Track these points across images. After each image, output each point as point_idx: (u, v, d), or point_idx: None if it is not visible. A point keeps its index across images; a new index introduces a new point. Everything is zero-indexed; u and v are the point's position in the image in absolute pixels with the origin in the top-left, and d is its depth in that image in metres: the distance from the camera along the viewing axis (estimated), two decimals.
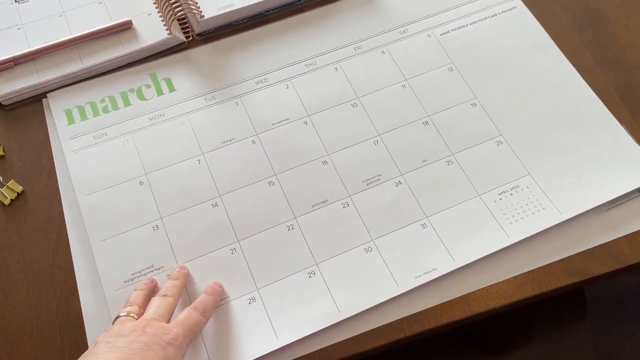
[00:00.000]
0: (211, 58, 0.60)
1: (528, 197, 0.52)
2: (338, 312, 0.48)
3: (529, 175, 0.53)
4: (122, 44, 0.58)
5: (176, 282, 0.47)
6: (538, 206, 0.52)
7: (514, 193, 0.53)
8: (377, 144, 0.55)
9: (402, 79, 0.59)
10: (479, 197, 0.53)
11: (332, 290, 0.49)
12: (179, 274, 0.48)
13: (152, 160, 0.54)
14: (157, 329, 0.41)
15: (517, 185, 0.53)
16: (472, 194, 0.53)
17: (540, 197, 0.52)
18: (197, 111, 0.57)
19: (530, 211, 0.52)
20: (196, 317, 0.44)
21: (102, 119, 0.56)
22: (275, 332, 0.47)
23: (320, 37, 0.62)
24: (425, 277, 0.49)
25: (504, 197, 0.53)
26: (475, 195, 0.53)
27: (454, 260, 0.49)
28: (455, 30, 0.62)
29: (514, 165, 0.54)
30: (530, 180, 0.53)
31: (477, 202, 0.52)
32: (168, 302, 0.45)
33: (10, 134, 0.55)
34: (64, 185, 0.53)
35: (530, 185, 0.53)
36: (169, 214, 0.52)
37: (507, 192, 0.53)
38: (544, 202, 0.52)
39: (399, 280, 0.49)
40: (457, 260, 0.49)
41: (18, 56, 0.57)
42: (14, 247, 0.50)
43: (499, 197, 0.53)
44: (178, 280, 0.47)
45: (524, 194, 0.53)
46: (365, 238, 0.51)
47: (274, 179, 0.54)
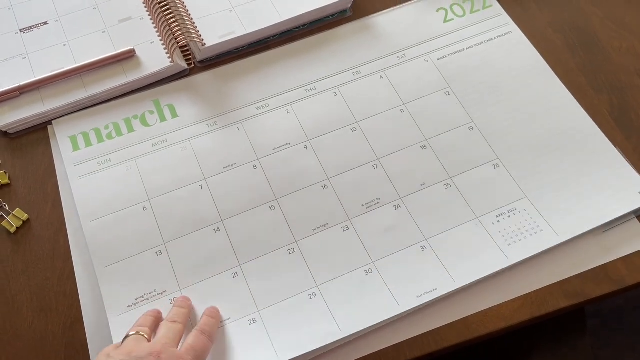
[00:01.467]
0: (213, 84, 0.61)
1: (525, 219, 0.53)
2: (339, 330, 0.48)
3: (525, 198, 0.54)
4: (126, 72, 0.60)
5: (183, 310, 0.48)
6: (535, 228, 0.53)
7: (511, 215, 0.54)
8: (376, 167, 0.56)
9: (400, 103, 0.60)
10: (477, 219, 0.53)
11: (332, 311, 0.49)
12: (184, 303, 0.49)
13: (155, 185, 0.55)
14: (172, 356, 0.42)
15: (515, 208, 0.54)
16: (471, 216, 0.54)
17: (538, 219, 0.53)
18: (199, 137, 0.58)
19: (528, 233, 0.52)
20: (204, 341, 0.45)
21: (106, 145, 0.57)
22: (275, 350, 0.47)
23: (320, 63, 0.63)
24: (426, 297, 0.49)
25: (501, 219, 0.53)
26: (473, 218, 0.53)
27: (454, 280, 0.50)
28: (451, 55, 0.63)
29: (511, 188, 0.55)
30: (527, 202, 0.54)
31: (475, 224, 0.53)
32: (177, 328, 0.45)
33: (15, 162, 0.56)
34: (69, 212, 0.54)
35: (528, 208, 0.54)
36: (171, 239, 0.53)
37: (504, 215, 0.54)
38: (541, 224, 0.53)
39: (399, 300, 0.49)
40: (457, 281, 0.50)
41: (23, 85, 0.58)
42: (20, 275, 0.51)
43: (496, 220, 0.53)
44: (184, 308, 0.48)
45: (522, 216, 0.53)
46: (365, 260, 0.52)
47: (275, 203, 0.55)
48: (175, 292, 0.50)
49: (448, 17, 0.66)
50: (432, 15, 0.66)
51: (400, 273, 0.51)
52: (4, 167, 0.56)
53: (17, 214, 0.53)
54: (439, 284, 0.50)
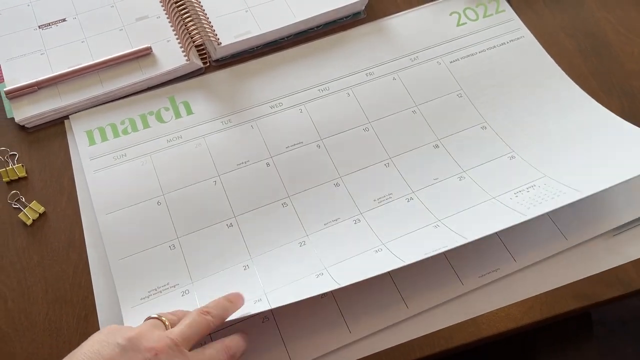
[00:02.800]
0: (228, 83, 0.62)
1: (546, 190, 0.53)
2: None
3: (545, 177, 0.54)
4: (142, 69, 0.61)
5: (228, 305, 0.44)
6: (558, 192, 0.52)
7: (530, 190, 0.53)
8: (388, 166, 0.57)
9: (413, 105, 0.61)
10: (494, 199, 0.53)
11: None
12: (236, 297, 0.46)
13: (169, 181, 0.56)
14: None
15: (534, 185, 0.53)
16: (486, 197, 0.53)
17: (559, 187, 0.52)
18: (213, 134, 0.59)
19: (550, 197, 0.52)
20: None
21: (122, 140, 0.58)
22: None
23: (333, 64, 0.63)
24: (433, 253, 0.47)
25: (519, 194, 0.53)
26: (489, 198, 0.53)
27: (465, 237, 0.48)
28: (464, 58, 0.64)
29: (528, 172, 0.55)
30: (548, 179, 0.54)
31: (492, 202, 0.53)
32: (205, 322, 0.41)
33: (32, 155, 0.57)
34: (85, 205, 0.55)
35: (548, 182, 0.53)
36: (185, 234, 0.53)
37: (523, 191, 0.53)
38: (562, 189, 0.52)
39: (404, 258, 0.48)
40: (468, 237, 0.48)
41: (41, 81, 0.59)
42: (35, 267, 0.52)
43: (514, 195, 0.53)
44: (231, 303, 0.45)
45: (542, 189, 0.53)
46: (375, 243, 0.51)
47: (287, 200, 0.55)
48: (187, 285, 0.51)
49: (461, 20, 0.67)
50: (445, 19, 0.67)
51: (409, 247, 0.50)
52: (21, 160, 0.57)
53: (34, 206, 0.54)
54: (449, 243, 0.48)
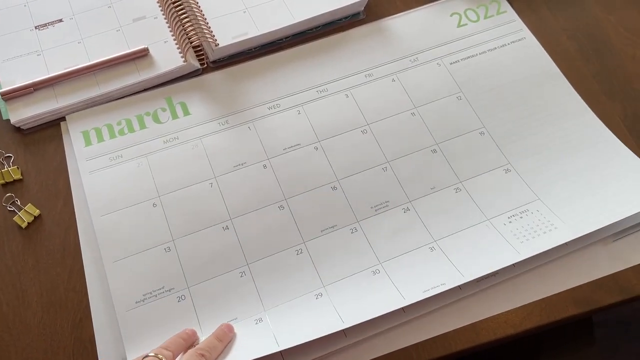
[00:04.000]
0: (225, 84, 0.62)
1: (539, 219, 0.53)
2: (342, 322, 0.47)
3: (539, 200, 0.54)
4: (139, 70, 0.60)
5: (218, 345, 0.46)
6: (549, 226, 0.52)
7: (523, 216, 0.53)
8: (386, 170, 0.56)
9: (412, 107, 0.60)
10: (488, 221, 0.53)
11: (337, 308, 0.49)
12: (224, 336, 0.47)
13: (165, 182, 0.55)
14: None
15: (527, 210, 0.54)
16: (481, 218, 0.53)
17: (551, 217, 0.53)
18: (210, 135, 0.58)
19: (542, 231, 0.52)
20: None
21: (118, 141, 0.58)
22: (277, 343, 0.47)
23: (332, 65, 0.63)
24: (433, 291, 0.48)
25: (513, 220, 0.53)
26: (484, 220, 0.53)
27: (462, 275, 0.49)
28: (464, 60, 0.63)
29: (523, 192, 0.55)
30: (540, 204, 0.54)
31: (486, 225, 0.53)
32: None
33: (28, 157, 0.57)
34: (80, 208, 0.54)
35: (541, 209, 0.53)
36: (180, 236, 0.53)
37: (516, 216, 0.53)
38: (554, 221, 0.52)
39: (405, 295, 0.49)
40: (465, 275, 0.49)
41: (37, 82, 0.58)
42: (30, 270, 0.51)
43: (508, 221, 0.53)
44: (221, 342, 0.46)
45: (535, 216, 0.53)
46: (373, 261, 0.51)
47: (284, 203, 0.55)
48: (183, 289, 0.50)
49: (462, 21, 0.66)
50: (446, 20, 0.66)
51: (407, 273, 0.50)
52: (16, 162, 0.56)
53: (29, 209, 0.53)
54: (447, 279, 0.49)
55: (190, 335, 0.47)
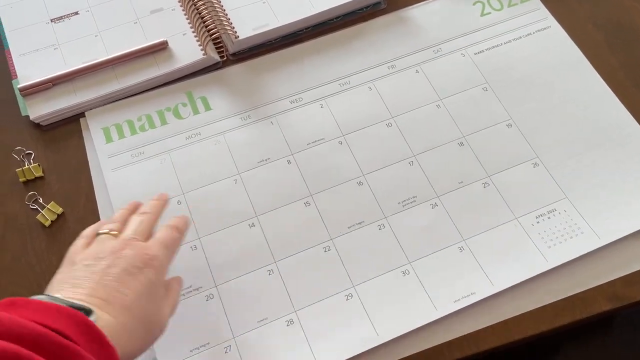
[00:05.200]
0: (246, 77, 0.60)
1: (566, 220, 0.52)
2: (376, 335, 0.47)
3: (566, 199, 0.53)
4: (158, 64, 0.59)
5: (156, 202, 0.47)
6: (576, 230, 0.52)
7: (551, 217, 0.52)
8: (412, 164, 0.55)
9: (437, 99, 0.59)
10: (516, 220, 0.52)
11: (370, 314, 0.48)
12: (161, 196, 0.48)
13: (189, 179, 0.55)
14: (136, 249, 0.40)
15: (555, 209, 0.53)
16: (510, 216, 0.53)
17: (578, 221, 0.52)
18: (232, 130, 0.57)
19: (569, 235, 0.51)
20: (173, 234, 0.44)
21: (139, 138, 0.57)
22: (314, 355, 0.47)
23: (354, 56, 0.62)
24: (464, 302, 0.49)
25: (541, 220, 0.52)
26: (512, 218, 0.52)
27: (493, 284, 0.49)
28: (489, 50, 0.62)
29: (550, 188, 0.54)
30: (568, 203, 0.53)
31: (514, 225, 0.52)
32: (147, 219, 0.44)
33: (48, 154, 0.56)
34: (103, 205, 0.53)
35: (568, 209, 0.53)
36: (206, 234, 0.52)
37: (544, 216, 0.53)
38: (582, 226, 0.52)
39: (437, 304, 0.49)
40: (495, 285, 0.49)
41: (55, 77, 0.57)
42: (55, 269, 0.50)
43: (536, 221, 0.52)
44: (160, 200, 0.47)
45: (562, 217, 0.52)
46: (402, 260, 0.51)
47: (310, 199, 0.54)
48: (210, 288, 0.50)
49: (485, 10, 0.65)
50: (469, 9, 0.65)
51: (437, 275, 0.50)
52: (37, 159, 0.56)
53: (52, 207, 0.53)
54: (478, 288, 0.49)
55: (133, 204, 0.47)
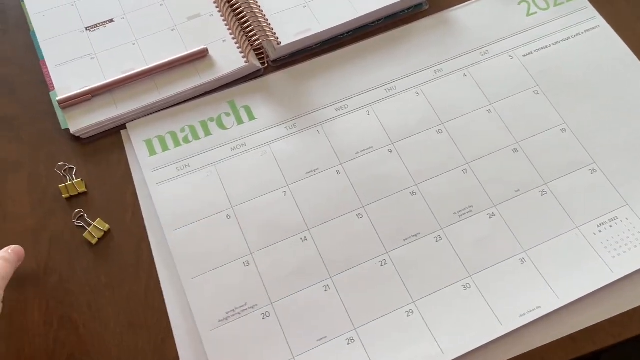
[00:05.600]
0: (288, 84, 0.59)
1: (629, 229, 0.51)
2: (442, 353, 0.46)
3: (627, 206, 0.52)
4: (199, 73, 0.57)
5: None
6: (639, 236, 0.50)
7: (613, 225, 0.51)
8: (466, 172, 0.54)
9: (487, 103, 0.57)
10: (577, 229, 0.51)
11: (432, 331, 0.47)
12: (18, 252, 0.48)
13: (237, 192, 0.53)
14: None
15: (616, 217, 0.51)
16: (570, 225, 0.51)
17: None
18: (278, 140, 0.56)
19: (633, 244, 0.50)
20: None
21: (183, 150, 0.55)
22: None
23: (398, 60, 0.60)
24: (530, 316, 0.47)
25: (603, 229, 0.51)
26: (573, 228, 0.51)
27: (558, 297, 0.48)
28: (537, 52, 0.60)
29: (610, 195, 0.52)
30: (629, 211, 0.51)
31: (575, 234, 0.51)
32: None
33: (90, 169, 0.54)
34: (150, 220, 0.52)
35: (630, 217, 0.51)
36: (258, 249, 0.50)
37: (606, 224, 0.51)
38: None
39: (502, 320, 0.47)
40: (561, 298, 0.48)
41: (95, 88, 0.55)
42: (104, 289, 0.49)
43: (597, 230, 0.51)
44: None
45: (624, 225, 0.51)
46: (462, 274, 0.49)
47: (362, 211, 0.52)
48: (266, 305, 0.48)
49: (531, 10, 0.63)
50: (514, 8, 0.63)
51: (500, 289, 0.48)
52: (79, 174, 0.54)
53: (98, 224, 0.51)
54: (543, 302, 0.48)
55: None
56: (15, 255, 0.47)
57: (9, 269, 0.45)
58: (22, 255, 0.48)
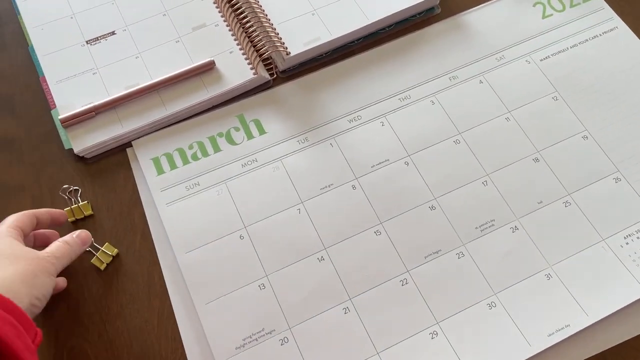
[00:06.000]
0: (298, 96, 0.56)
1: None
2: None
3: None
4: (206, 86, 0.55)
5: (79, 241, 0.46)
6: None
7: None
8: (486, 184, 0.52)
9: (505, 111, 0.55)
10: (604, 241, 0.49)
11: (458, 353, 0.45)
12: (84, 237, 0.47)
13: (250, 211, 0.51)
14: None
15: None
16: (596, 238, 0.49)
17: None
18: (290, 155, 0.53)
19: None
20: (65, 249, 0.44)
21: (192, 167, 0.53)
22: None
23: (412, 68, 0.58)
24: (558, 335, 0.45)
25: (630, 240, 0.49)
26: (599, 240, 0.49)
27: (587, 315, 0.46)
28: (555, 55, 0.58)
29: (636, 205, 0.51)
30: None
31: (602, 247, 0.49)
32: (65, 250, 0.44)
33: (96, 190, 0.52)
34: (160, 243, 0.50)
35: None
36: (274, 271, 0.49)
37: (633, 235, 0.49)
38: None
39: (530, 340, 0.45)
40: (590, 315, 0.46)
41: (98, 105, 0.53)
42: (116, 317, 0.47)
43: (625, 242, 0.49)
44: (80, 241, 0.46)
45: None
46: (486, 292, 0.47)
47: (380, 227, 0.50)
48: (284, 330, 0.46)
49: (546, 12, 0.61)
50: (529, 10, 0.61)
51: (526, 307, 0.47)
52: (85, 196, 0.52)
53: (107, 249, 0.49)
54: (571, 320, 0.46)
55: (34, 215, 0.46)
56: (78, 240, 0.46)
57: (67, 250, 0.44)
58: (88, 241, 0.47)
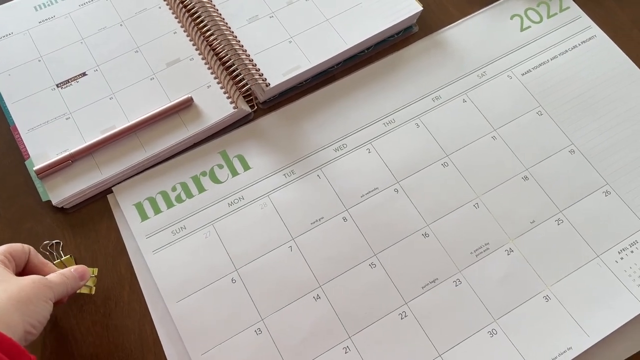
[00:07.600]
0: (281, 127, 0.55)
1: None
2: None
3: None
4: (186, 124, 0.53)
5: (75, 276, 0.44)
6: None
7: (634, 250, 0.49)
8: (478, 207, 0.51)
9: (491, 129, 0.55)
10: (599, 257, 0.49)
11: None
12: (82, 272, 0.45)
13: (240, 252, 0.49)
14: None
15: (636, 241, 0.49)
16: (591, 255, 0.49)
17: None
18: (277, 190, 0.52)
19: None
20: None
21: (177, 210, 0.51)
22: None
23: (394, 90, 0.57)
24: (561, 359, 0.45)
25: (624, 255, 0.49)
26: (594, 257, 0.49)
27: (589, 335, 0.46)
28: (536, 69, 0.58)
29: (627, 218, 0.51)
30: None
31: (597, 264, 0.49)
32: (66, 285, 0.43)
33: (79, 242, 0.50)
34: (150, 293, 0.48)
35: None
36: (269, 314, 0.47)
37: (627, 250, 0.49)
38: None
39: None
40: (591, 336, 0.46)
41: (74, 152, 0.51)
42: None
43: (619, 257, 0.49)
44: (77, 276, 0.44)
45: None
46: (486, 319, 0.47)
47: (375, 259, 0.49)
48: None
49: (524, 24, 0.60)
50: (507, 24, 0.60)
51: (527, 332, 0.46)
52: (67, 249, 0.50)
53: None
54: (573, 342, 0.46)
55: None
56: (76, 273, 0.44)
57: (60, 280, 0.42)
58: (85, 276, 0.45)
